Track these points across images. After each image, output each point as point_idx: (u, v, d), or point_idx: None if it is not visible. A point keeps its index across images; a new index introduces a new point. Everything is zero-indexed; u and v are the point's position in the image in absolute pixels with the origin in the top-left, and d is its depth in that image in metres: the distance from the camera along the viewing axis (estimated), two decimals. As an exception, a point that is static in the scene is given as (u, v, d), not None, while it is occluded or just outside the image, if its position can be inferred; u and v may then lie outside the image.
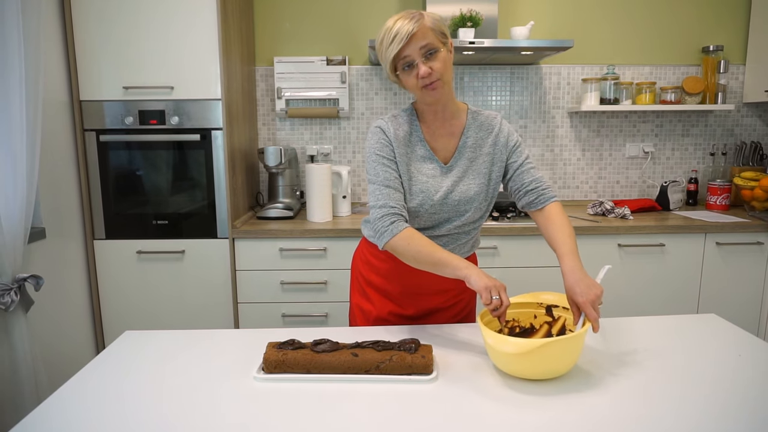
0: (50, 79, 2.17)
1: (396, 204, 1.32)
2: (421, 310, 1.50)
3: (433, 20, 1.29)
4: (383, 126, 1.38)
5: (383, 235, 1.29)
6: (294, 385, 1.08)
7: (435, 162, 1.39)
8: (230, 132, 2.40)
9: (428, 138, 1.41)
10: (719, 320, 1.42)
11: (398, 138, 1.37)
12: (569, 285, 1.20)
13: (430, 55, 1.27)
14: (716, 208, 2.80)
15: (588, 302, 1.14)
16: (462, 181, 1.39)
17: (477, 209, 1.41)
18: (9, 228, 1.75)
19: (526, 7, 2.87)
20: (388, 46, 1.26)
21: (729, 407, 0.98)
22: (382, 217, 1.31)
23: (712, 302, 2.50)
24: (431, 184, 1.37)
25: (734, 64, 2.94)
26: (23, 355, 1.78)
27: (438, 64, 1.28)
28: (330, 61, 2.83)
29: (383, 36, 1.28)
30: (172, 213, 2.40)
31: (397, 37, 1.24)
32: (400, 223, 1.29)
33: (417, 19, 1.26)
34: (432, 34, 1.27)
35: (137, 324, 2.43)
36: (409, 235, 1.27)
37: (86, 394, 1.06)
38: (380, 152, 1.36)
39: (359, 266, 1.57)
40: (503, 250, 2.42)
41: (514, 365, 1.08)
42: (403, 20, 1.26)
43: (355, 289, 1.58)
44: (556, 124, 2.97)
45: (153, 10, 2.25)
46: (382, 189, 1.34)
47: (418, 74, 1.27)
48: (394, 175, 1.35)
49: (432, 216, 1.39)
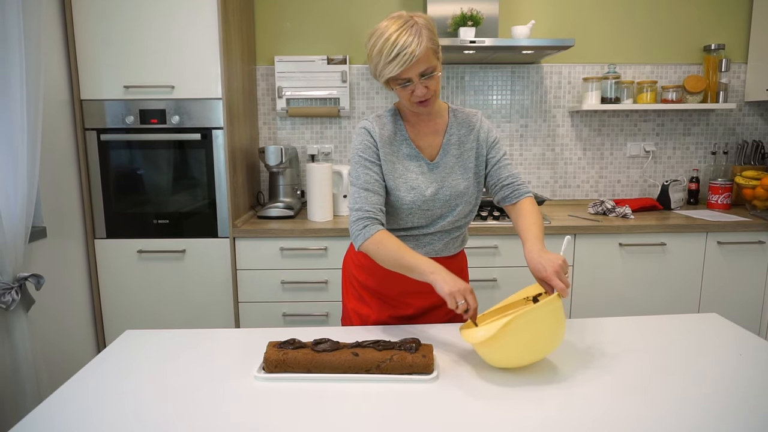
0: (51, 78, 2.17)
1: (371, 208, 1.34)
2: (419, 308, 1.50)
3: (429, 33, 1.27)
4: (368, 127, 1.40)
5: (356, 239, 1.33)
6: (294, 385, 1.08)
7: (422, 160, 1.42)
8: (231, 131, 2.40)
9: (413, 137, 1.43)
10: (720, 320, 1.42)
11: (384, 138, 1.40)
12: (533, 265, 1.23)
13: (427, 75, 1.28)
14: (717, 208, 2.80)
15: (552, 273, 1.17)
16: (450, 177, 1.42)
17: (467, 203, 1.44)
18: (10, 227, 1.75)
19: (527, 6, 2.86)
20: (387, 63, 1.25)
21: (730, 406, 0.98)
22: (356, 220, 1.34)
23: (714, 302, 2.50)
24: (421, 181, 1.40)
25: (736, 62, 2.93)
26: (24, 354, 1.78)
27: (434, 83, 1.31)
28: (331, 61, 2.83)
29: (381, 47, 1.24)
30: (173, 212, 2.40)
31: (399, 59, 1.23)
32: (372, 227, 1.32)
33: (418, 38, 1.23)
34: (431, 54, 1.27)
35: (138, 323, 2.44)
36: (379, 239, 1.30)
37: (87, 393, 1.06)
38: (363, 154, 1.39)
39: (352, 270, 1.56)
40: (503, 249, 2.42)
41: (499, 353, 1.09)
42: (405, 35, 1.23)
43: (349, 294, 1.57)
44: (557, 124, 2.97)
45: (154, 9, 2.25)
46: (360, 192, 1.36)
47: (414, 92, 1.30)
48: (375, 178, 1.37)
49: (425, 212, 1.41)
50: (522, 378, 1.10)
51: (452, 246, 1.49)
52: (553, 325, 1.09)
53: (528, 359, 1.10)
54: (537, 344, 1.09)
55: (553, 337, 1.10)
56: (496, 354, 1.10)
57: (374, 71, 1.32)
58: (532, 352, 1.09)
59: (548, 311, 1.08)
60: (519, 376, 1.11)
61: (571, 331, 1.34)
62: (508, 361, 1.11)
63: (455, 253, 1.52)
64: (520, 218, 1.38)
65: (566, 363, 1.17)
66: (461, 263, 1.56)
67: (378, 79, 1.33)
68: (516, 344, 1.07)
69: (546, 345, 1.10)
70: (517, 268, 2.43)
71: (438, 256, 1.46)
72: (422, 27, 1.26)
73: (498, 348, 1.08)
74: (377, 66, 1.29)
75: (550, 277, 1.17)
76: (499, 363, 1.12)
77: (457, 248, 1.51)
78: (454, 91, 2.92)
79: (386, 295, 1.49)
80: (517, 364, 1.11)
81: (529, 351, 1.09)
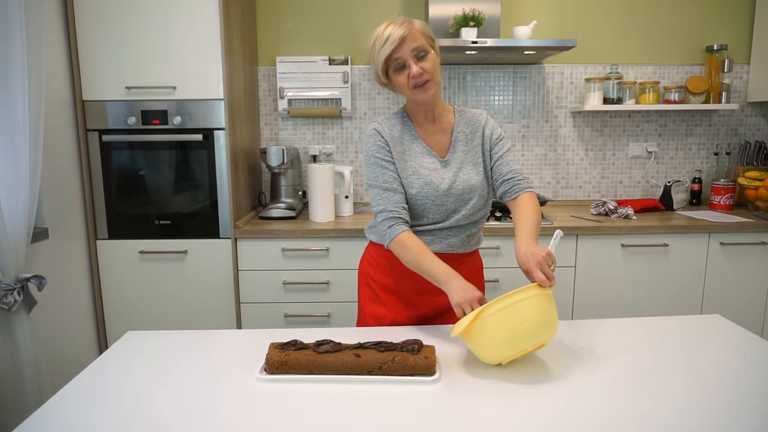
0: (53, 79, 2.17)
1: (394, 207, 1.40)
2: (436, 308, 1.51)
3: (422, 25, 1.37)
4: (378, 128, 1.45)
5: (384, 239, 1.40)
6: (296, 386, 1.08)
7: (433, 156, 1.46)
8: (232, 132, 2.40)
9: (422, 136, 1.48)
10: (723, 321, 1.41)
11: (394, 138, 1.44)
12: (520, 258, 1.26)
13: (421, 56, 1.34)
14: (720, 208, 2.79)
15: (535, 264, 1.19)
16: (462, 171, 1.45)
17: (480, 196, 1.47)
18: (12, 228, 1.75)
19: (528, 7, 2.86)
20: (380, 48, 1.33)
21: (732, 407, 0.97)
22: (382, 221, 1.40)
23: (716, 303, 2.49)
24: (435, 176, 1.43)
25: (738, 63, 2.93)
26: (26, 356, 1.78)
27: (429, 65, 1.35)
28: (332, 61, 2.83)
29: (375, 40, 1.35)
30: (175, 213, 2.40)
31: (389, 40, 1.32)
32: (397, 227, 1.38)
33: (407, 24, 1.34)
34: (422, 37, 1.35)
35: (139, 324, 2.44)
36: (402, 240, 1.36)
37: (89, 395, 1.06)
38: (378, 154, 1.43)
39: (369, 271, 1.58)
40: (506, 250, 2.41)
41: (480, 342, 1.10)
42: (394, 25, 1.33)
43: (365, 297, 1.59)
44: (559, 124, 2.96)
45: (155, 9, 2.25)
46: (381, 192, 1.42)
47: (410, 74, 1.34)
48: (393, 176, 1.42)
49: (440, 208, 1.44)
50: (525, 379, 1.10)
51: (468, 243, 1.51)
52: (537, 315, 1.09)
53: (514, 349, 1.09)
54: (521, 334, 1.08)
55: (540, 328, 1.09)
56: (478, 343, 1.11)
57: (374, 67, 1.38)
58: (517, 342, 1.09)
59: (527, 299, 1.09)
60: (521, 377, 1.10)
61: (571, 332, 1.34)
62: (492, 351, 1.10)
63: (471, 251, 1.54)
64: (517, 213, 1.40)
65: (568, 364, 1.16)
66: (477, 263, 1.59)
67: (379, 75, 1.38)
68: (496, 332, 1.08)
69: (532, 336, 1.09)
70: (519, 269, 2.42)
71: (455, 252, 1.49)
72: (414, 21, 1.36)
73: (479, 337, 1.10)
74: (374, 58, 1.36)
75: (532, 268, 1.19)
76: (484, 354, 1.12)
77: (473, 246, 1.54)
78: (456, 91, 2.91)
79: (404, 293, 1.51)
80: (503, 354, 1.10)
81: (513, 341, 1.08)
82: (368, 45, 1.37)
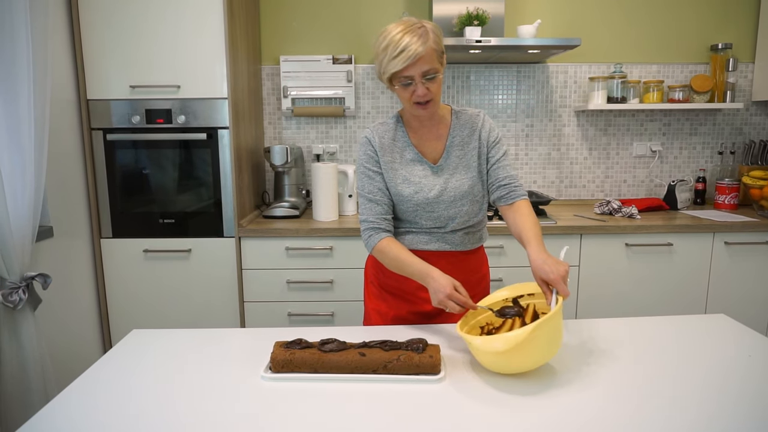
0: (57, 78, 2.18)
1: (375, 218, 1.44)
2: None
3: (435, 37, 1.31)
4: (369, 136, 1.46)
5: (366, 248, 1.46)
6: (301, 385, 1.08)
7: (425, 163, 1.46)
8: (236, 131, 2.40)
9: (416, 143, 1.47)
10: (728, 320, 1.41)
11: (384, 146, 1.45)
12: (537, 265, 1.24)
13: (429, 78, 1.31)
14: (724, 208, 2.78)
15: (559, 277, 1.18)
16: (453, 177, 1.45)
17: (473, 201, 1.47)
18: (17, 227, 1.75)
19: (532, 6, 2.86)
20: (392, 59, 1.28)
21: (739, 408, 0.97)
22: (363, 231, 1.45)
23: (721, 302, 2.48)
24: (425, 184, 1.44)
25: (743, 62, 2.92)
26: (31, 354, 1.79)
27: (435, 86, 1.34)
28: (336, 60, 2.83)
29: (387, 45, 1.29)
30: (179, 212, 2.40)
31: (403, 55, 1.26)
32: (375, 236, 1.43)
33: (424, 39, 1.28)
34: (435, 56, 1.31)
35: (144, 322, 2.44)
36: (381, 248, 1.41)
37: (94, 393, 1.06)
38: (366, 164, 1.46)
39: (372, 270, 1.61)
40: (509, 249, 2.41)
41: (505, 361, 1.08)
42: (411, 36, 1.27)
43: (370, 294, 1.61)
44: (563, 123, 2.96)
45: (160, 8, 2.25)
46: (365, 203, 1.46)
47: (415, 92, 1.33)
48: (378, 187, 1.45)
49: (431, 214, 1.45)
50: (530, 379, 1.10)
51: (469, 241, 1.51)
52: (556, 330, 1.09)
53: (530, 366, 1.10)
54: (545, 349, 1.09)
55: (554, 342, 1.10)
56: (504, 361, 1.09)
57: (379, 69, 1.35)
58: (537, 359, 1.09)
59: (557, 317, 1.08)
60: (526, 378, 1.10)
61: (576, 332, 1.34)
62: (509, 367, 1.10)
63: (474, 248, 1.54)
64: (519, 219, 1.39)
65: (572, 364, 1.16)
66: (481, 259, 1.58)
67: (382, 78, 1.36)
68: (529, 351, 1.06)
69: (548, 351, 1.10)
70: (523, 268, 2.42)
71: (456, 249, 1.49)
72: (429, 30, 1.31)
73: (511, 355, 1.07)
74: (382, 62, 1.32)
75: (556, 280, 1.18)
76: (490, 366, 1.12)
77: (474, 243, 1.53)
78: (460, 90, 2.91)
79: (405, 291, 1.52)
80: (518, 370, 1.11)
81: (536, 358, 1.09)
82: (377, 45, 1.32)
